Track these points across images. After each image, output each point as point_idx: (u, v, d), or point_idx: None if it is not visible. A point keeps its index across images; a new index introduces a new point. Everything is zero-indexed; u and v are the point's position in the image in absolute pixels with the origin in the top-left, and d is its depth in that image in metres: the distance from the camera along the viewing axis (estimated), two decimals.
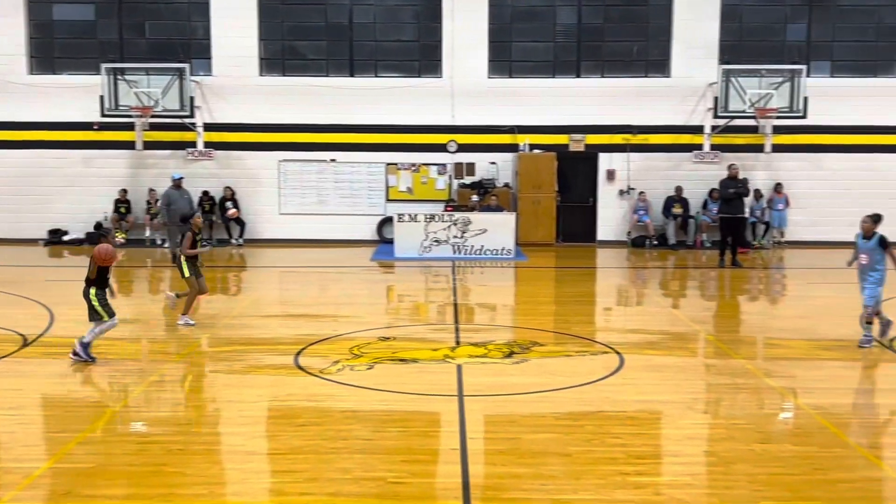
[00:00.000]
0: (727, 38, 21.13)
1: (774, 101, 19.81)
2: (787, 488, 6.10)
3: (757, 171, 21.07)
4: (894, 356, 10.07)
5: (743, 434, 7.27)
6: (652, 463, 6.63)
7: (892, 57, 21.14)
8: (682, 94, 21.10)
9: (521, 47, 21.77)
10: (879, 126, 20.86)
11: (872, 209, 21.82)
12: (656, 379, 9.07)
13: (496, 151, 21.50)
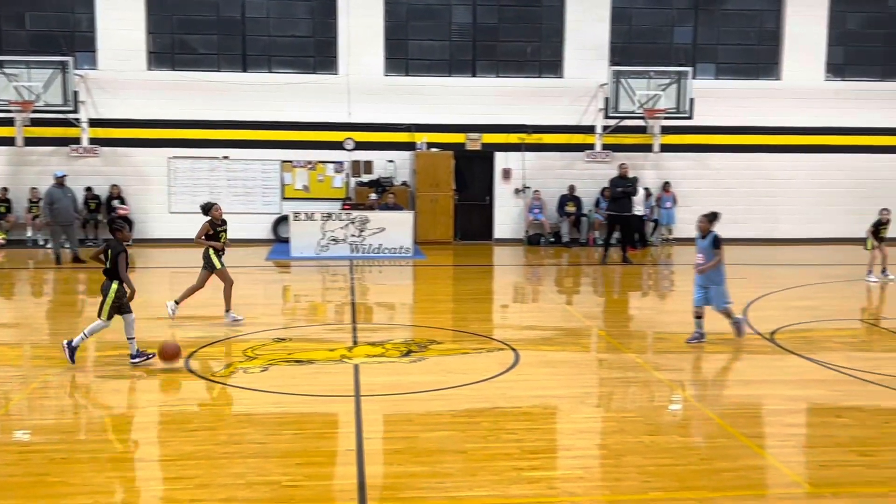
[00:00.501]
0: (617, 39, 21.71)
1: (662, 102, 20.46)
2: (674, 479, 6.31)
3: (646, 171, 21.71)
4: (776, 348, 10.54)
5: (633, 427, 7.49)
6: (546, 457, 6.76)
7: (774, 60, 22.13)
8: (574, 95, 21.56)
9: (417, 45, 21.83)
10: (761, 126, 21.81)
11: (755, 207, 22.99)
12: (550, 374, 9.24)
13: (394, 149, 21.50)
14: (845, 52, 22.31)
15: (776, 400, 8.50)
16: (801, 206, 22.05)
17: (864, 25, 22.50)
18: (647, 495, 5.99)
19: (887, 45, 22.40)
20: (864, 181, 21.98)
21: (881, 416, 7.86)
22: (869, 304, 13.94)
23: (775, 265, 18.38)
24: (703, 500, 5.93)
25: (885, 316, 13.18)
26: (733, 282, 15.96)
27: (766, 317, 12.29)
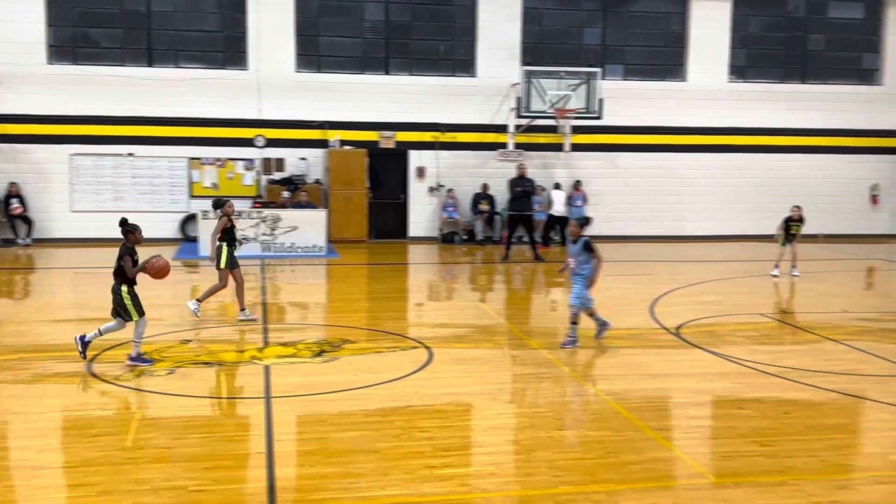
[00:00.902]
0: (528, 40, 21.97)
1: (573, 102, 20.79)
2: (583, 472, 6.42)
3: (557, 170, 22.05)
4: (682, 342, 10.82)
5: (544, 422, 7.59)
6: (458, 454, 6.79)
7: (679, 62, 22.73)
8: (487, 94, 21.73)
9: (329, 42, 21.66)
10: (667, 126, 22.39)
11: (661, 205, 23.58)
12: (463, 371, 9.29)
13: (306, 147, 21.28)
14: (747, 54, 23.08)
15: (682, 393, 8.73)
16: (705, 205, 22.71)
17: (764, 29, 23.33)
18: (557, 489, 6.08)
19: (787, 48, 23.27)
20: (765, 180, 22.77)
21: (781, 407, 8.16)
22: (771, 299, 14.44)
23: (681, 262, 18.89)
24: (611, 492, 6.05)
25: (786, 310, 13.69)
26: (641, 278, 16.42)
27: (672, 312, 12.62)
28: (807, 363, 9.80)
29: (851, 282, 16.42)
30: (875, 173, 23.40)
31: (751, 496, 6.04)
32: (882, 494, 6.15)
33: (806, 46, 23.33)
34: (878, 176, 23.45)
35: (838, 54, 23.47)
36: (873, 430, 7.80)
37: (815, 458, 6.81)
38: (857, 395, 8.63)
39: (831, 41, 23.45)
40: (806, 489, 6.16)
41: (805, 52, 23.33)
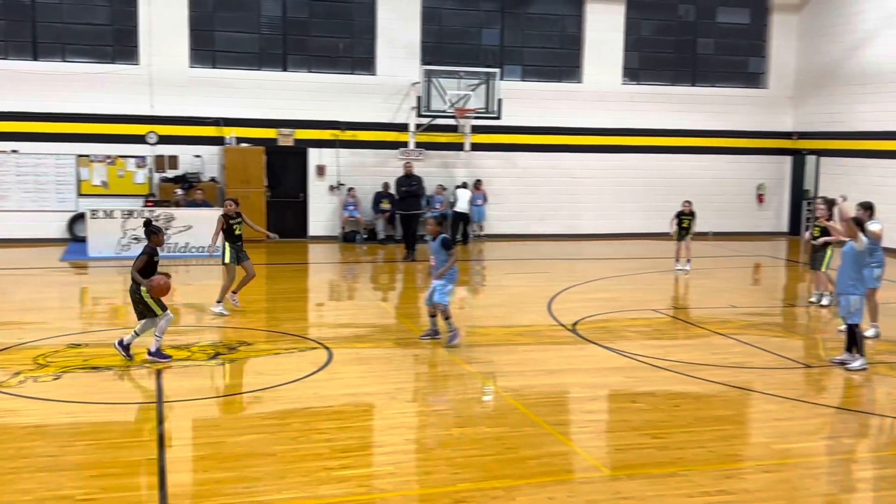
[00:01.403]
0: (428, 39, 22.01)
1: (472, 102, 20.93)
2: (482, 469, 6.48)
3: (458, 169, 22.17)
4: (578, 338, 11.04)
5: (442, 420, 7.63)
6: (356, 455, 6.75)
7: (575, 63, 23.17)
8: (387, 93, 21.67)
9: (225, 37, 21.20)
10: (564, 127, 22.78)
11: (559, 204, 23.94)
12: (363, 371, 9.25)
13: (201, 144, 20.76)
14: (640, 57, 23.71)
15: (577, 388, 8.92)
16: (601, 204, 23.23)
17: (656, 33, 24.00)
18: (456, 487, 6.11)
19: (677, 51, 24.00)
20: (658, 180, 23.43)
21: (672, 400, 8.42)
22: (663, 296, 14.85)
23: (578, 259, 19.28)
24: (508, 488, 6.12)
25: (677, 306, 14.13)
26: (539, 276, 16.65)
27: (569, 309, 12.86)
28: (696, 357, 10.14)
29: (739, 278, 17.07)
30: (760, 173, 24.37)
31: (643, 488, 6.21)
32: (767, 482, 6.42)
33: (696, 50, 24.12)
34: (763, 176, 24.43)
35: (726, 58, 24.35)
36: (759, 421, 8.13)
37: (704, 449, 7.05)
38: (744, 387, 8.98)
39: (719, 45, 24.31)
40: (695, 479, 6.38)
41: (695, 56, 24.12)
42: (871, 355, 10.36)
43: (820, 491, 6.35)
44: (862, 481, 6.62)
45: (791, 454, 7.03)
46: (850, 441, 7.59)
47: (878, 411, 8.36)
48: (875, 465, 6.99)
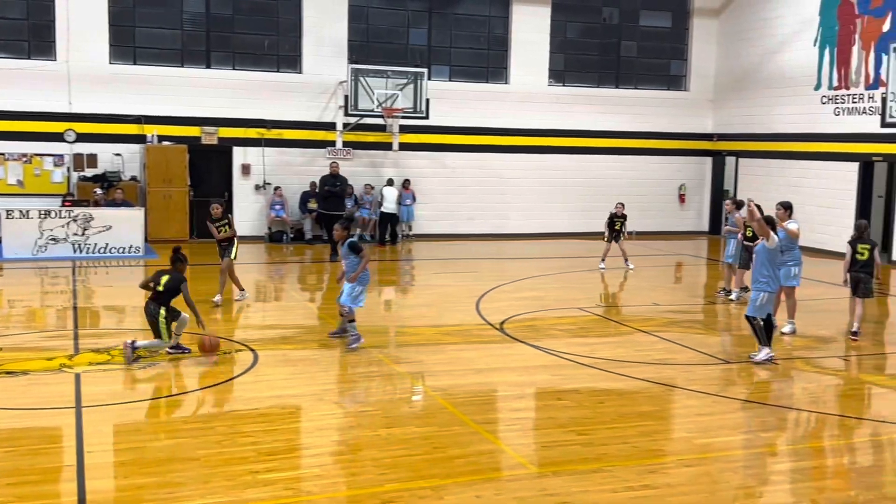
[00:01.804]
0: (356, 38, 21.91)
1: (400, 102, 20.93)
2: (409, 469, 6.48)
3: (387, 168, 22.13)
4: (505, 337, 11.14)
5: (370, 420, 7.61)
6: (283, 458, 6.68)
7: (502, 65, 23.35)
8: (314, 91, 21.50)
9: (146, 33, 20.73)
10: (492, 128, 22.94)
11: (487, 204, 24.08)
12: (290, 373, 9.17)
13: (121, 142, 20.26)
14: (565, 59, 24.02)
15: (505, 386, 8.99)
16: (528, 203, 23.45)
17: (581, 35, 24.35)
18: (383, 487, 6.10)
19: (602, 54, 24.40)
20: (583, 180, 23.78)
21: (596, 396, 8.56)
22: (588, 294, 15.05)
23: (506, 259, 19.43)
24: (436, 487, 6.14)
25: (602, 304, 14.35)
26: (467, 275, 16.72)
27: (496, 308, 12.96)
28: (620, 354, 10.33)
29: (661, 276, 17.44)
30: (681, 174, 24.94)
31: (568, 484, 6.30)
32: (688, 476, 6.57)
33: (619, 53, 24.54)
34: (684, 176, 25.00)
35: (649, 61, 24.85)
36: (680, 416, 8.32)
37: (628, 445, 7.19)
38: (666, 383, 9.18)
39: (642, 48, 24.79)
40: (619, 475, 6.49)
41: (618, 59, 24.53)
42: (788, 351, 10.71)
43: (739, 484, 6.53)
44: (779, 474, 6.82)
45: (711, 448, 7.21)
46: (768, 435, 7.82)
47: (795, 405, 8.64)
48: (792, 457, 7.22)
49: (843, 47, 20.40)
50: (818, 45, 21.12)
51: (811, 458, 7.20)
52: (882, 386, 9.59)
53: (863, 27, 19.90)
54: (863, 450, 7.51)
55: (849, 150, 20.07)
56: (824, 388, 9.32)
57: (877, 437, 7.74)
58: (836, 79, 20.60)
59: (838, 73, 20.56)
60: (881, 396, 9.20)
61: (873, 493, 6.33)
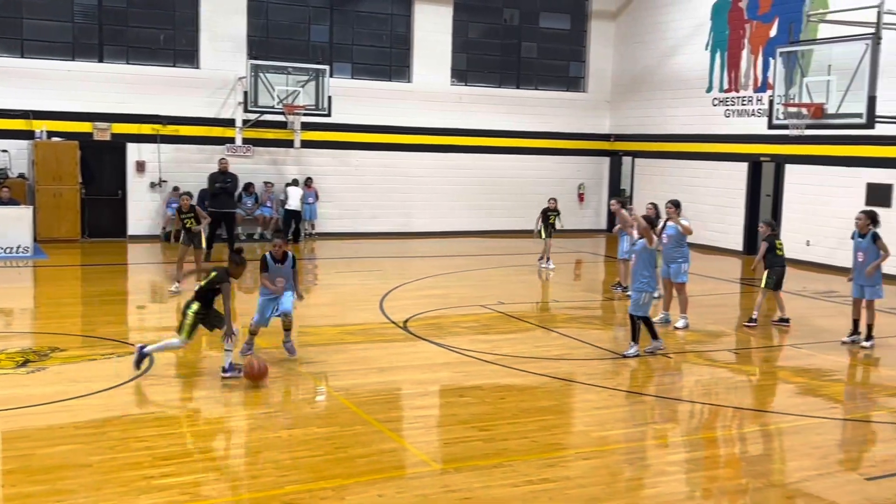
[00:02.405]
0: (255, 33, 21.55)
1: (301, 99, 20.68)
2: (311, 470, 6.42)
3: (288, 166, 21.86)
4: (409, 335, 11.14)
5: (271, 422, 7.50)
6: (179, 462, 6.52)
7: (405, 63, 23.36)
8: (212, 87, 21.04)
9: (34, 25, 19.90)
10: (396, 126, 22.90)
11: (391, 202, 24.04)
12: (189, 375, 8.94)
13: (8, 138, 19.40)
14: (468, 59, 24.20)
15: (408, 384, 9.00)
16: (431, 202, 23.53)
17: (483, 35, 24.57)
18: (283, 489, 6.02)
19: (503, 54, 24.67)
20: (486, 179, 24.00)
21: (498, 392, 8.65)
22: (491, 291, 15.17)
23: (410, 257, 19.46)
24: (338, 487, 6.10)
25: (504, 301, 14.49)
26: (371, 274, 16.67)
27: (400, 306, 12.96)
28: (521, 350, 10.47)
29: (561, 274, 17.73)
30: (581, 173, 25.44)
31: (470, 480, 6.35)
32: (585, 469, 6.72)
33: (520, 54, 24.87)
34: (583, 176, 25.52)
35: (549, 62, 25.27)
36: (579, 410, 8.50)
37: (528, 440, 7.30)
38: (566, 378, 9.36)
39: (542, 50, 25.18)
40: (519, 469, 6.58)
41: (519, 60, 24.86)
42: (681, 345, 11.06)
43: (634, 475, 6.71)
44: (673, 464, 7.04)
45: (608, 441, 7.39)
46: (663, 427, 8.06)
47: (688, 398, 8.92)
48: (685, 448, 7.46)
49: (733, 51, 21.20)
50: (710, 48, 21.88)
51: (703, 449, 7.46)
52: (771, 377, 10.01)
53: (751, 32, 20.72)
54: (752, 439, 7.81)
55: (738, 151, 20.87)
56: (716, 380, 9.66)
57: (765, 427, 8.07)
58: (727, 82, 21.39)
59: (729, 77, 21.35)
60: (769, 388, 9.60)
61: (762, 481, 6.59)
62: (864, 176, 17.74)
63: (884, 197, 17.30)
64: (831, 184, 18.42)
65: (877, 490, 6.41)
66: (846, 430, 8.07)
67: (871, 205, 17.02)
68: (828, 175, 18.57)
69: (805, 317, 12.98)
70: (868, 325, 11.12)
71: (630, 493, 6.28)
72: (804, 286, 15.53)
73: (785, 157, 19.55)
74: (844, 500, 6.25)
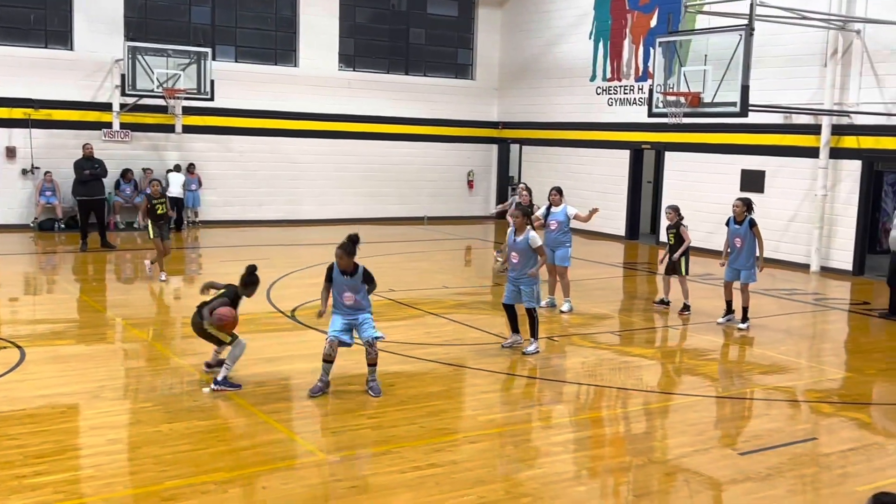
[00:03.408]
0: (132, 14, 20.78)
1: (182, 82, 20.06)
2: (193, 464, 6.25)
3: (169, 151, 21.22)
4: (297, 325, 11.00)
5: (151, 417, 7.27)
6: (53, 461, 6.24)
7: (291, 47, 22.97)
8: (87, 69, 20.20)
9: None
10: (282, 111, 22.51)
11: (278, 189, 23.70)
12: (61, 370, 8.60)
13: None
14: (356, 44, 23.99)
15: (295, 374, 8.88)
16: (320, 189, 23.27)
17: (371, 20, 24.40)
18: (164, 485, 5.85)
19: (391, 40, 24.57)
20: (376, 165, 23.90)
21: (387, 379, 8.62)
22: (381, 278, 15.11)
23: (298, 245, 19.19)
24: (221, 481, 5.96)
25: (393, 288, 14.48)
26: (258, 262, 16.30)
27: (288, 295, 12.78)
28: (412, 336, 10.49)
29: (451, 260, 17.87)
30: (470, 160, 25.65)
31: (358, 468, 6.32)
32: (471, 453, 6.78)
33: (408, 40, 24.83)
34: (472, 163, 25.73)
35: (437, 49, 25.32)
36: (467, 395, 8.57)
37: (416, 426, 7.31)
38: (455, 363, 9.42)
39: (430, 36, 25.20)
40: (407, 455, 6.59)
41: (408, 46, 24.82)
42: (565, 328, 11.30)
43: (520, 456, 6.81)
44: (558, 444, 7.18)
45: (495, 424, 7.48)
46: (548, 408, 8.21)
47: (573, 379, 9.12)
48: (570, 428, 7.63)
49: (616, 41, 21.73)
50: (593, 38, 22.36)
51: (588, 429, 7.64)
52: (651, 358, 10.33)
53: (633, 22, 21.28)
54: (634, 418, 8.05)
55: (621, 139, 21.44)
56: (600, 361, 9.91)
57: (647, 406, 8.33)
58: (610, 71, 21.92)
59: (611, 66, 21.88)
60: (650, 367, 9.90)
61: (643, 458, 6.80)
62: (738, 163, 18.53)
63: (757, 183, 18.11)
64: (708, 170, 19.16)
65: (748, 464, 6.71)
66: (721, 407, 8.42)
67: (745, 191, 17.83)
68: (705, 162, 19.30)
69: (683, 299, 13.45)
70: (743, 307, 11.61)
71: (516, 474, 6.37)
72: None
73: (665, 144, 20.22)
74: (719, 474, 6.52)
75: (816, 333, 12.30)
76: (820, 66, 16.92)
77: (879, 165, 16.92)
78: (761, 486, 6.28)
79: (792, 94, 17.09)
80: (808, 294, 14.82)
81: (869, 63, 16.23)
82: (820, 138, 16.85)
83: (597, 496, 6.11)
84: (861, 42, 16.31)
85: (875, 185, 17.32)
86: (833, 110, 16.48)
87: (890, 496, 3.47)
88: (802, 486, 6.43)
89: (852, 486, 6.38)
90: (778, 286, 15.16)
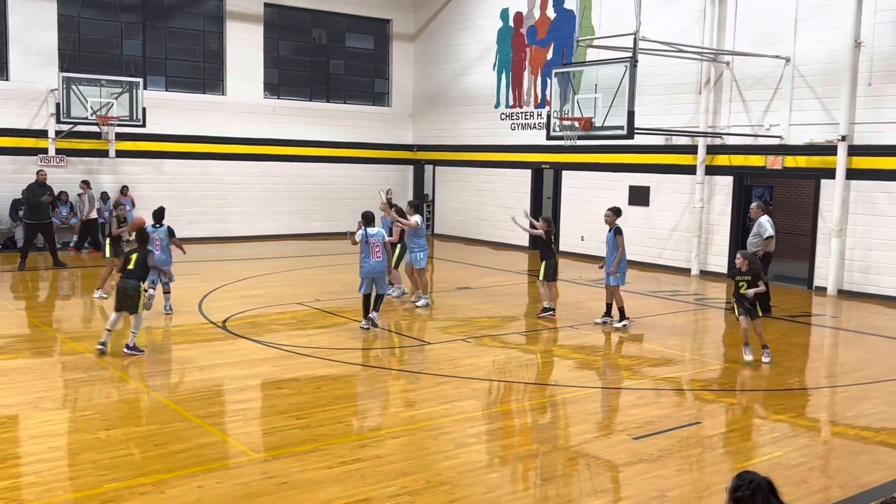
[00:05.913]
0: (66, 47, 20.08)
1: (115, 110, 19.47)
2: (130, 468, 6.04)
3: (103, 175, 20.54)
4: (228, 334, 10.75)
5: (89, 424, 7.00)
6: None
7: (218, 77, 22.54)
8: (24, 98, 19.41)
9: None
10: (211, 136, 22.05)
11: (208, 209, 23.18)
12: (1, 383, 8.18)
13: None
14: (279, 74, 23.70)
15: (227, 380, 8.68)
16: (249, 208, 22.87)
17: (293, 53, 24.14)
18: (103, 488, 5.63)
19: (313, 70, 24.37)
20: (301, 186, 23.62)
21: (314, 383, 8.52)
22: (307, 290, 14.93)
23: (228, 260, 18.80)
24: (158, 482, 5.77)
25: (318, 298, 14.31)
26: (190, 278, 15.95)
27: (219, 307, 12.51)
28: (336, 342, 10.38)
29: None
30: (388, 180, 25.56)
31: (288, 465, 6.20)
32: (395, 447, 6.74)
33: (329, 70, 24.67)
34: (391, 182, 25.66)
35: (355, 78, 25.21)
36: (389, 394, 8.51)
37: (342, 424, 7.23)
38: (378, 365, 9.36)
39: (349, 67, 25.08)
40: (334, 452, 6.51)
41: (328, 76, 24.65)
42: (477, 330, 11.35)
43: (439, 449, 6.80)
44: (472, 436, 7.19)
45: (415, 420, 7.45)
46: (464, 403, 8.22)
47: (485, 377, 9.16)
48: (483, 421, 7.65)
49: (517, 72, 22.05)
50: (496, 69, 22.64)
51: (499, 421, 7.68)
52: (556, 355, 10.47)
53: (531, 55, 21.64)
54: (541, 410, 8.14)
55: (523, 160, 21.74)
56: (509, 359, 9.99)
57: (553, 398, 8.43)
58: (512, 98, 22.22)
59: (513, 94, 22.18)
60: (554, 363, 10.04)
61: (548, 446, 6.87)
62: (626, 179, 19.00)
63: (643, 197, 18.60)
64: (600, 186, 19.58)
65: (642, 447, 6.85)
66: (616, 397, 8.58)
67: (632, 204, 18.31)
68: (597, 179, 19.73)
69: (580, 301, 13.71)
70: (619, 308, 11.81)
71: (435, 465, 6.35)
72: (580, 275, 16.41)
73: (562, 164, 20.59)
74: (616, 457, 6.64)
75: (698, 329, 12.68)
76: (695, 93, 17.55)
77: (748, 180, 17.59)
78: (653, 466, 6.42)
79: (672, 119, 17.66)
80: (690, 295, 15.27)
81: (737, 91, 16.91)
82: (696, 157, 17.46)
83: (508, 481, 6.14)
84: (730, 72, 16.97)
85: (745, 197, 17.99)
86: (707, 132, 17.08)
87: (750, 474, 3.57)
88: (689, 465, 6.60)
89: (733, 464, 6.59)
90: (663, 288, 15.59)
